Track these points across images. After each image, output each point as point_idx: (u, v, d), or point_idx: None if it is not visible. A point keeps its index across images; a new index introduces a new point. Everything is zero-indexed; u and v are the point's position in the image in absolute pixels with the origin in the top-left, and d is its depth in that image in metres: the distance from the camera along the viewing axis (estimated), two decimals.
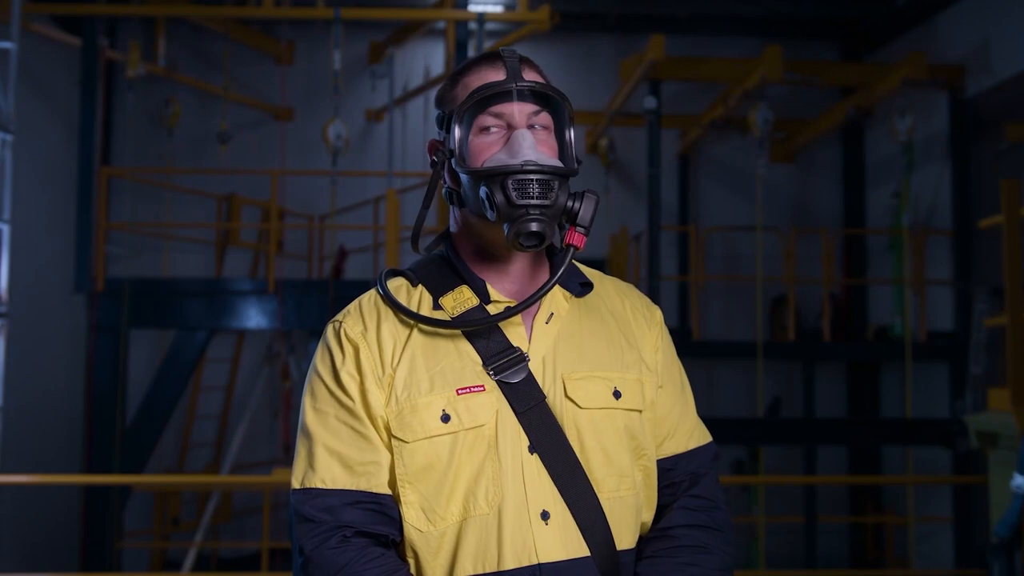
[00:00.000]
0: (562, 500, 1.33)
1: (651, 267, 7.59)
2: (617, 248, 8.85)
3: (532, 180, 1.32)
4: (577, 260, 1.52)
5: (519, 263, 1.44)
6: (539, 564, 1.30)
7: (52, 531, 8.01)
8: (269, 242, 8.04)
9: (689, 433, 1.51)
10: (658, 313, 1.55)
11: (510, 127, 1.38)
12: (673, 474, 1.47)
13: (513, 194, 1.32)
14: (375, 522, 1.33)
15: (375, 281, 1.51)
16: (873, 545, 9.08)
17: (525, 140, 1.36)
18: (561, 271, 1.37)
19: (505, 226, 1.34)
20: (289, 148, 9.24)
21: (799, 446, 8.51)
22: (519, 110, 1.38)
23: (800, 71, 8.30)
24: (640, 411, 1.43)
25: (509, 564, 1.29)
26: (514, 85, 1.37)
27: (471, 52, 7.46)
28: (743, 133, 8.74)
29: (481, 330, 1.39)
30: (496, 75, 1.40)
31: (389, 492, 1.35)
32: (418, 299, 1.44)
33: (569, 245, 1.38)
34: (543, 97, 1.40)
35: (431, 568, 1.33)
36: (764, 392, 8.41)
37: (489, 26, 9.15)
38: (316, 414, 1.39)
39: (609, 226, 9.29)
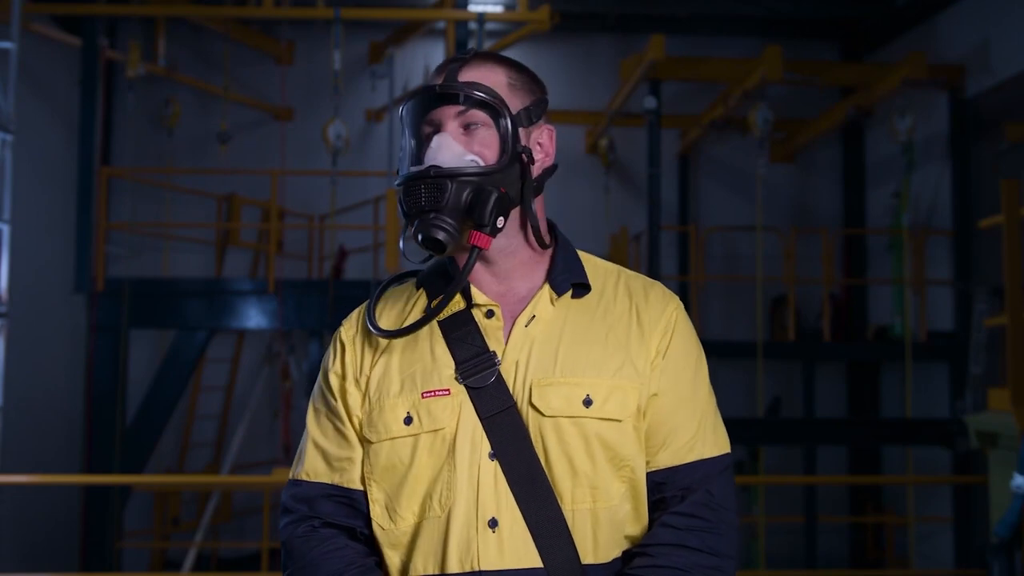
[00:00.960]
0: (517, 509, 1.30)
1: (651, 267, 7.59)
2: (617, 248, 8.85)
3: (420, 186, 1.34)
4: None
5: (502, 264, 1.42)
6: (480, 571, 1.29)
7: (52, 531, 8.01)
8: (269, 242, 8.04)
9: (689, 445, 1.38)
10: (671, 316, 1.43)
11: (438, 131, 1.39)
12: (665, 488, 1.37)
13: (406, 201, 1.35)
14: (344, 515, 1.39)
15: (376, 283, 1.53)
16: (873, 545, 9.08)
17: (430, 146, 1.37)
18: (463, 276, 1.35)
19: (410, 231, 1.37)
20: (289, 148, 9.24)
21: (799, 446, 8.51)
22: (442, 114, 1.38)
23: (800, 71, 8.30)
24: (619, 420, 1.34)
25: (453, 568, 1.30)
26: (426, 90, 1.39)
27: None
28: (743, 133, 8.74)
29: (460, 333, 1.39)
30: (439, 80, 1.41)
31: (361, 488, 1.39)
32: (414, 302, 1.47)
33: (473, 246, 1.34)
34: (471, 95, 1.37)
35: (392, 563, 1.37)
36: (764, 392, 8.41)
37: (489, 26, 9.15)
38: (313, 411, 1.48)
39: (609, 226, 9.29)
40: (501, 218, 1.34)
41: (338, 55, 7.02)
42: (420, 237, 1.34)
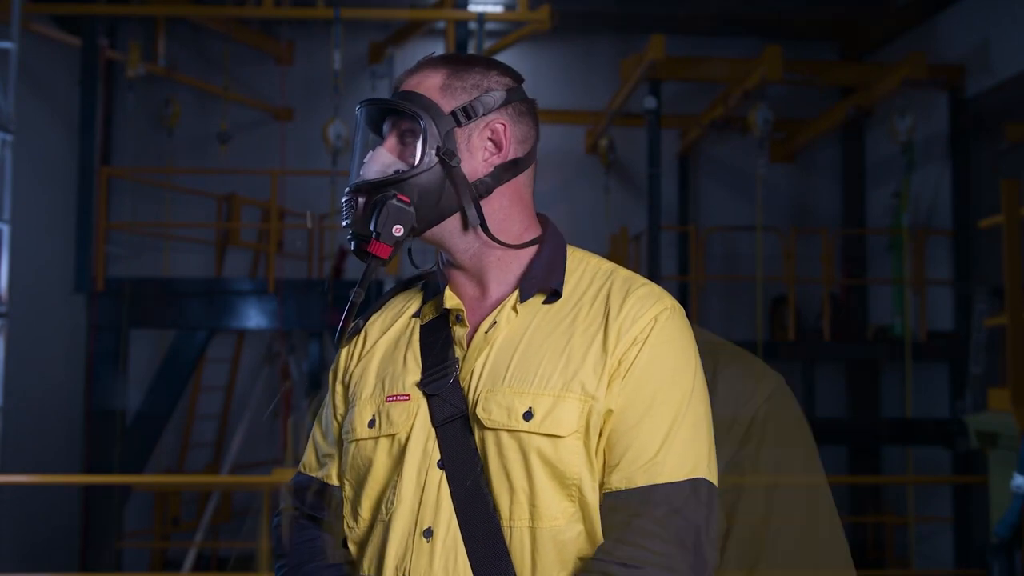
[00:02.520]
0: (455, 520, 1.26)
1: (651, 267, 7.59)
2: (617, 248, 8.85)
3: (344, 203, 1.36)
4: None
5: (471, 266, 1.38)
6: None
7: (52, 531, 8.01)
8: (269, 242, 8.04)
9: (645, 467, 1.23)
10: (645, 325, 1.29)
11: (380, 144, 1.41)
12: (615, 513, 1.24)
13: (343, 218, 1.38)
14: (320, 507, 1.44)
15: (377, 284, 1.54)
16: (873, 545, 9.08)
17: (364, 160, 1.38)
18: (360, 287, 1.36)
19: None
20: (289, 148, 9.23)
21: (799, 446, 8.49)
22: (385, 127, 1.39)
23: (800, 71, 8.31)
24: (560, 436, 1.24)
25: (389, 574, 1.29)
26: (358, 106, 1.41)
27: (471, 52, 7.46)
28: (743, 133, 8.74)
29: (433, 338, 1.38)
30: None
31: (338, 484, 1.42)
32: (410, 304, 1.47)
33: (371, 256, 1.33)
34: (395, 104, 1.36)
35: (356, 561, 1.39)
36: None
37: (489, 26, 9.14)
38: (324, 407, 1.51)
39: (609, 226, 9.29)
40: (399, 227, 1.30)
41: (338, 55, 7.02)
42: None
